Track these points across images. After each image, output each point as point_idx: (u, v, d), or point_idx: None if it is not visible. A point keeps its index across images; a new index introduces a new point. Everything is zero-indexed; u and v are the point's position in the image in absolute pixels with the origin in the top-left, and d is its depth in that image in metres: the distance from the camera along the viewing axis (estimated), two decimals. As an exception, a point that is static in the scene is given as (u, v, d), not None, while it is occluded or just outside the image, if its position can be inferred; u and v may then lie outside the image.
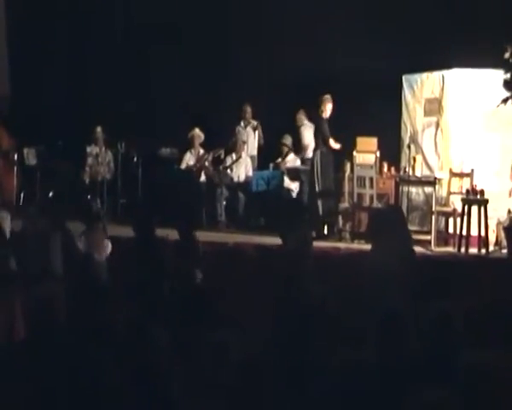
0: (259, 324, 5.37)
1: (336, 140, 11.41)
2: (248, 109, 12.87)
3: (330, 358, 4.18)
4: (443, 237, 11.12)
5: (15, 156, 12.46)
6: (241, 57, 13.45)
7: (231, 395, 3.54)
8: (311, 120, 12.36)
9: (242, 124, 12.95)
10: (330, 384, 3.78)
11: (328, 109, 11.43)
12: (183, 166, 12.67)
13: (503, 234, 10.67)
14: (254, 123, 12.89)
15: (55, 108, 13.20)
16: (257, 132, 12.90)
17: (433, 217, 10.83)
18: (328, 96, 11.44)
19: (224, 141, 12.89)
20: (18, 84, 13.88)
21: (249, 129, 12.95)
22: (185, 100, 13.15)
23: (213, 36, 13.61)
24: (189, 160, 12.69)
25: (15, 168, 12.46)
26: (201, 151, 12.67)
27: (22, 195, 12.45)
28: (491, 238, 10.62)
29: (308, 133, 12.36)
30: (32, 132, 12.62)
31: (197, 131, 12.63)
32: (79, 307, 4.74)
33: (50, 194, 12.02)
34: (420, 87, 11.89)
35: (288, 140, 12.52)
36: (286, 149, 12.49)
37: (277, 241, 8.16)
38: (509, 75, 10.62)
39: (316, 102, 11.54)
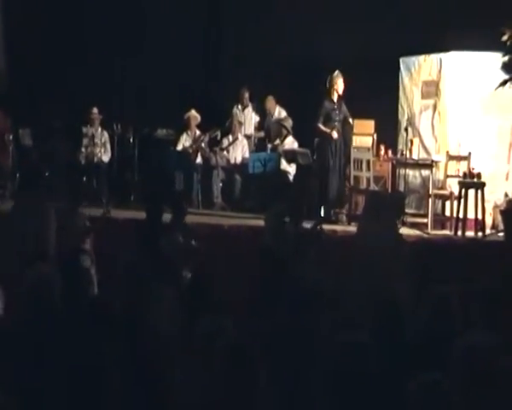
0: (255, 308, 5.35)
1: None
2: (246, 95, 12.83)
3: (326, 341, 4.17)
4: (440, 220, 11.11)
5: (10, 137, 12.38)
6: (239, 38, 13.39)
7: (220, 378, 3.52)
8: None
9: (239, 106, 12.92)
10: (326, 366, 3.76)
11: (340, 86, 11.17)
12: (179, 147, 12.63)
13: (499, 217, 10.66)
14: (251, 105, 12.86)
15: (50, 88, 13.12)
16: (253, 115, 12.87)
17: (430, 200, 10.81)
18: (338, 72, 11.13)
19: (220, 122, 12.85)
20: (13, 63, 13.80)
21: (246, 111, 12.91)
22: (182, 81, 13.09)
23: (211, 16, 13.55)
24: (185, 141, 12.64)
25: (10, 149, 12.39)
26: (198, 132, 12.62)
27: (17, 175, 12.39)
28: (488, 221, 10.62)
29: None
30: (27, 113, 12.55)
31: (193, 112, 12.58)
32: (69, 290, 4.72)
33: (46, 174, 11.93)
34: (417, 70, 11.85)
35: (287, 122, 12.44)
36: (285, 132, 12.42)
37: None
38: (506, 58, 10.57)
39: (315, 82, 11.47)
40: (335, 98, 11.24)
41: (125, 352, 3.99)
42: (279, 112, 12.69)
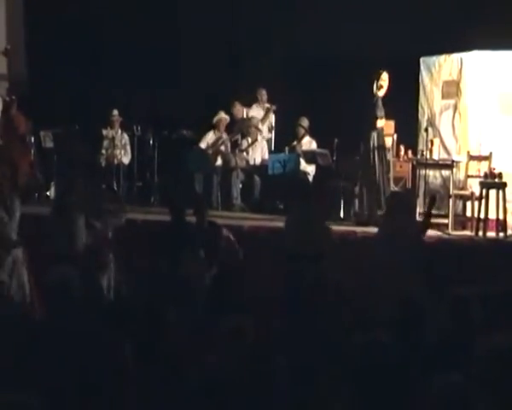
0: (274, 309, 5.35)
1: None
2: (263, 93, 12.82)
3: (344, 341, 4.16)
4: (460, 221, 11.05)
5: (32, 139, 12.45)
6: (256, 38, 13.39)
7: (244, 379, 3.52)
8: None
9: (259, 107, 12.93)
10: (344, 366, 3.75)
11: (386, 84, 10.69)
12: (203, 145, 12.58)
13: (521, 218, 10.60)
14: (269, 106, 12.86)
15: (71, 90, 13.19)
16: (272, 116, 12.88)
17: (451, 200, 10.76)
18: (384, 71, 10.69)
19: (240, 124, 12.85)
20: (35, 66, 13.88)
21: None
22: (202, 83, 13.11)
23: (230, 15, 13.56)
24: (209, 139, 12.59)
25: (32, 151, 12.45)
26: (224, 136, 12.57)
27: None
28: (510, 222, 10.55)
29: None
30: (48, 115, 12.61)
31: (223, 114, 12.55)
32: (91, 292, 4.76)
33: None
34: (438, 69, 11.80)
35: (304, 122, 12.42)
36: (302, 132, 12.41)
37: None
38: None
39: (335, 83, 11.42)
40: (378, 98, 10.79)
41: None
42: (247, 114, 12.72)
